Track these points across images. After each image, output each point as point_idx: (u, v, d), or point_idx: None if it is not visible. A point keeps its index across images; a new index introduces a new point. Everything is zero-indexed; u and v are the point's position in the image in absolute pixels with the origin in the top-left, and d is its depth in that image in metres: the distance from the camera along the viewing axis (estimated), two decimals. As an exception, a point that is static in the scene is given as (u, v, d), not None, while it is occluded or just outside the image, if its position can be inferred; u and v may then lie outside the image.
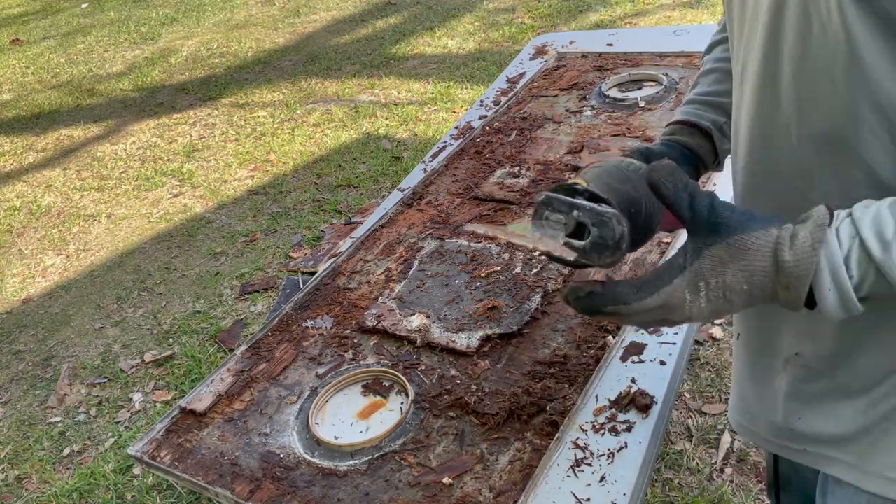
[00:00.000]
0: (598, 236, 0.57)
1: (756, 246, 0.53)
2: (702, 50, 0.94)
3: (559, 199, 0.60)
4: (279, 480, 0.98)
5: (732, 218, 0.54)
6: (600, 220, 0.57)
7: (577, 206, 0.58)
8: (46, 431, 2.10)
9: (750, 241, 0.53)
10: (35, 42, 6.36)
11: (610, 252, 0.58)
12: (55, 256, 3.03)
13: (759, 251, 0.52)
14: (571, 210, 0.59)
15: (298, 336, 1.24)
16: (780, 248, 0.52)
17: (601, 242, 0.57)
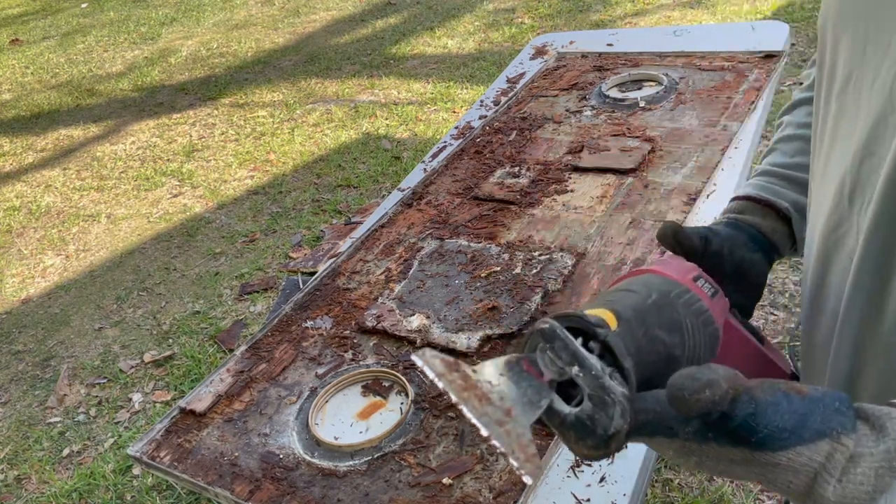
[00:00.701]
0: (588, 417, 0.41)
1: (792, 464, 0.39)
2: (702, 50, 0.92)
3: (564, 341, 0.43)
4: (279, 481, 0.97)
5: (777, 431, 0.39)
6: (601, 399, 0.41)
7: (582, 361, 0.42)
8: (46, 432, 2.10)
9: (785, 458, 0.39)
10: (35, 42, 6.36)
11: (592, 443, 0.41)
12: (55, 256, 3.03)
13: (793, 469, 0.39)
14: (573, 363, 0.42)
15: (298, 336, 1.23)
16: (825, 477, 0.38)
17: (588, 425, 0.41)
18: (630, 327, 0.46)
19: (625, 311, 0.47)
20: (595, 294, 1.18)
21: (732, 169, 1.39)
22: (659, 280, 0.53)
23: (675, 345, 0.48)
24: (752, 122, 1.52)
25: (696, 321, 0.51)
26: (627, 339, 0.45)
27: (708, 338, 0.51)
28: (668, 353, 0.47)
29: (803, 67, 3.17)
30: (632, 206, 1.36)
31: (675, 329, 0.49)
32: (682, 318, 0.50)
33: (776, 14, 3.76)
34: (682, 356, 0.48)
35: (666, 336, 0.48)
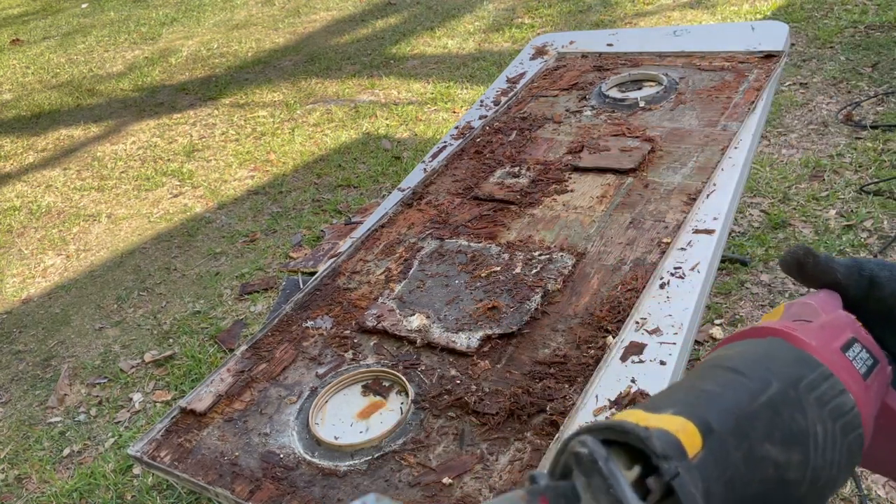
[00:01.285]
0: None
1: None
2: (702, 50, 0.92)
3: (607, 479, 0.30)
4: (279, 480, 0.98)
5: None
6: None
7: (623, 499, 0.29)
8: (46, 431, 2.10)
9: None
10: (35, 42, 6.36)
11: None
12: (55, 256, 3.03)
13: None
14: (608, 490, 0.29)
15: (298, 336, 1.24)
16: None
17: None
18: (722, 447, 0.32)
19: (717, 417, 0.33)
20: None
21: (732, 169, 1.40)
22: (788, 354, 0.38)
23: (791, 465, 0.34)
24: (752, 122, 1.53)
25: (832, 427, 0.36)
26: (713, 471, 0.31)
27: (847, 449, 0.36)
28: (780, 478, 0.34)
29: (802, 67, 3.18)
30: (632, 206, 1.36)
31: (797, 442, 0.34)
32: (811, 424, 0.35)
33: (776, 14, 3.76)
34: (803, 480, 0.34)
35: (780, 453, 0.34)
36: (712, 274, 1.22)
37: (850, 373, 0.38)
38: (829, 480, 0.35)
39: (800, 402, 0.35)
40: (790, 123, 2.83)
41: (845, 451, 0.36)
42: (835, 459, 0.35)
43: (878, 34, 3.32)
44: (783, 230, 2.25)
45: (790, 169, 2.54)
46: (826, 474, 0.35)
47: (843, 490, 1.49)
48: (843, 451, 0.36)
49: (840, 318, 0.41)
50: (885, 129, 2.61)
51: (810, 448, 0.35)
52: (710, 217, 1.28)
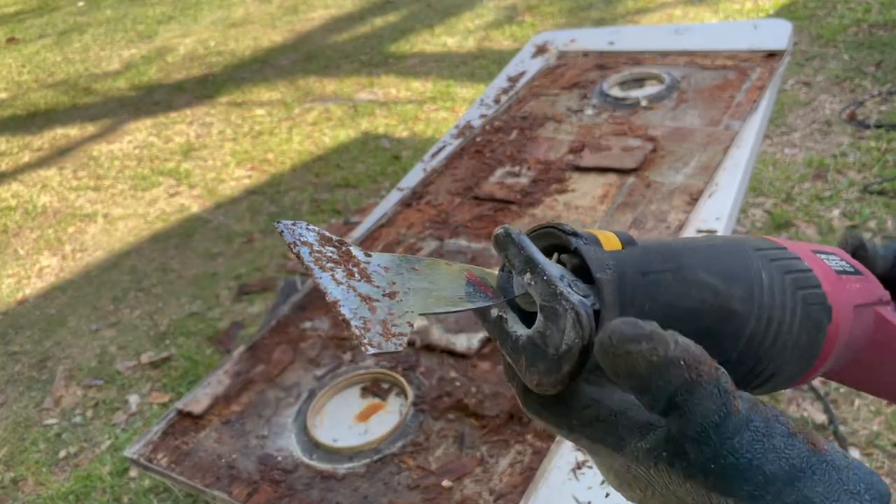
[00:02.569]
0: (539, 334, 0.31)
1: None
2: (704, 48, 0.90)
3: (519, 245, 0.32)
4: (277, 483, 0.96)
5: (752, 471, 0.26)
6: (552, 311, 0.30)
7: (535, 266, 0.31)
8: (42, 433, 2.08)
9: None
10: (31, 40, 6.33)
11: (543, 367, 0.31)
12: (51, 257, 3.01)
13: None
14: (524, 269, 0.32)
15: (296, 337, 1.22)
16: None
17: (538, 345, 0.31)
18: (645, 255, 0.33)
19: (643, 241, 0.34)
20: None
21: (735, 168, 1.38)
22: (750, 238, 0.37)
23: (734, 296, 0.33)
24: (755, 121, 1.51)
25: (780, 277, 0.35)
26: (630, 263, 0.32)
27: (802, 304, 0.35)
28: (722, 305, 0.33)
29: (806, 66, 3.16)
30: (633, 205, 1.35)
31: (738, 279, 0.34)
32: (756, 269, 0.35)
33: (779, 12, 3.75)
34: (749, 315, 0.33)
35: (719, 283, 0.33)
36: (716, 274, 1.21)
37: (816, 262, 0.38)
38: (782, 325, 0.34)
39: (743, 253, 0.35)
40: (793, 122, 2.81)
41: (800, 301, 0.35)
42: (786, 304, 0.35)
43: (882, 33, 3.31)
44: (786, 230, 2.23)
45: (793, 168, 2.53)
46: (778, 316, 0.34)
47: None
48: (796, 300, 0.35)
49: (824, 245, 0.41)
50: (889, 129, 2.59)
51: (754, 286, 0.34)
52: (712, 217, 1.26)
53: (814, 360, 0.37)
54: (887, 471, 1.51)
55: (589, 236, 0.33)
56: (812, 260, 0.38)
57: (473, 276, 0.34)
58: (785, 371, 0.36)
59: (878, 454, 1.54)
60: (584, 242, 0.32)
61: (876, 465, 1.52)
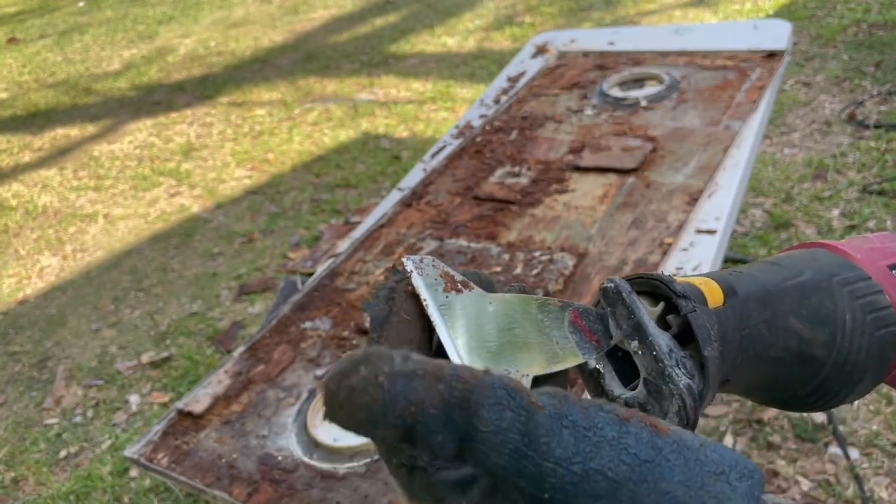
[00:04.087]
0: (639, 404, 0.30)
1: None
2: (704, 48, 0.91)
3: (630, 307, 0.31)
4: (277, 483, 0.96)
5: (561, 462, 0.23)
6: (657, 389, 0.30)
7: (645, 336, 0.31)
8: (43, 433, 2.08)
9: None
10: (31, 40, 6.34)
11: None
12: (51, 257, 3.01)
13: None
14: (634, 336, 0.31)
15: (297, 337, 1.22)
16: None
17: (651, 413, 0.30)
18: (744, 308, 0.33)
19: (743, 285, 0.34)
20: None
21: (734, 168, 1.38)
22: (828, 257, 0.38)
23: (817, 342, 0.35)
24: (755, 121, 1.51)
25: (861, 317, 0.36)
26: (732, 321, 0.32)
27: (878, 341, 0.37)
28: (803, 352, 0.35)
29: (805, 66, 3.17)
30: (633, 205, 1.35)
31: (823, 322, 0.35)
32: (840, 311, 0.36)
33: (778, 13, 3.75)
34: (828, 360, 0.35)
35: (805, 329, 0.34)
36: (716, 274, 1.21)
37: (892, 284, 0.38)
38: (855, 367, 0.36)
39: (831, 291, 0.36)
40: (793, 123, 2.81)
41: (875, 342, 0.36)
42: (863, 346, 0.36)
43: (882, 33, 3.31)
44: (786, 230, 2.24)
45: (793, 168, 2.53)
46: (853, 359, 0.36)
47: (845, 492, 1.48)
48: (872, 341, 0.36)
49: (892, 246, 0.41)
50: (889, 129, 2.59)
51: (837, 330, 0.35)
52: (712, 217, 1.26)
53: (876, 384, 0.39)
54: (887, 470, 1.51)
55: (695, 293, 0.32)
56: (889, 284, 0.38)
57: (578, 317, 0.32)
58: (851, 396, 0.38)
59: (877, 454, 1.54)
60: (692, 306, 0.32)
61: (875, 464, 1.52)
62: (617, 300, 0.32)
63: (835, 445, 1.57)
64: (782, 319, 0.34)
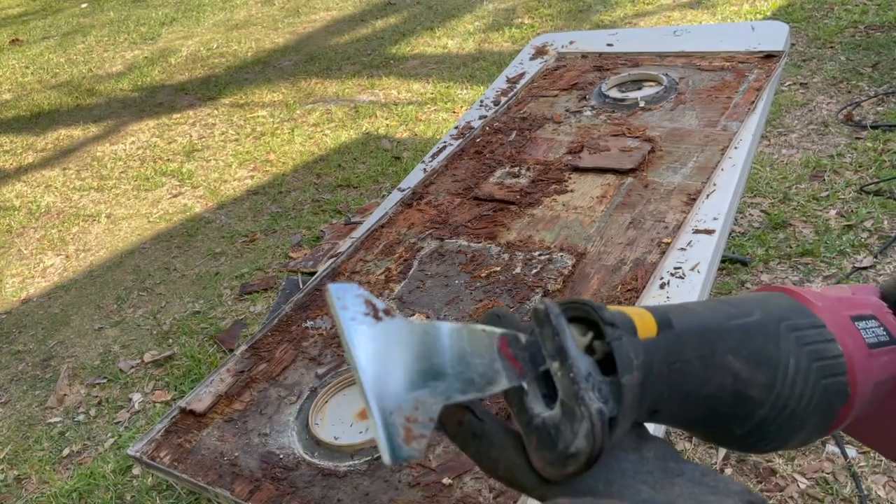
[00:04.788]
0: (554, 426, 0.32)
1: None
2: (702, 50, 0.91)
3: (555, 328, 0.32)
4: (279, 481, 0.97)
5: None
6: (570, 410, 0.31)
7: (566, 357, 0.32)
8: (46, 432, 2.10)
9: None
10: (35, 42, 6.36)
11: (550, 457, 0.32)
12: (54, 257, 3.03)
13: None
14: (555, 357, 0.32)
15: (298, 336, 1.23)
16: None
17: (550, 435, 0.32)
18: (677, 342, 0.34)
19: (682, 320, 0.35)
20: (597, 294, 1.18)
21: (732, 169, 1.39)
22: (783, 301, 0.38)
23: (754, 383, 0.35)
24: (752, 123, 1.52)
25: (806, 364, 0.36)
26: (661, 353, 0.33)
27: (822, 390, 0.36)
28: (739, 392, 0.35)
29: (803, 67, 3.18)
30: (632, 206, 1.36)
31: (763, 364, 0.35)
32: (784, 355, 0.36)
33: (776, 14, 3.76)
34: (765, 402, 0.35)
35: (743, 369, 0.35)
36: (712, 274, 1.22)
37: (851, 335, 0.38)
38: (795, 413, 0.36)
39: (776, 335, 0.36)
40: (790, 123, 2.82)
41: (820, 390, 0.36)
42: (805, 393, 0.36)
43: (879, 34, 3.32)
44: (783, 230, 2.25)
45: (790, 169, 2.54)
46: (794, 405, 0.36)
47: (843, 490, 1.49)
48: (817, 388, 0.36)
49: (866, 298, 0.40)
50: (886, 129, 2.60)
51: (778, 374, 0.35)
52: (710, 217, 1.27)
53: (821, 436, 0.38)
54: (884, 468, 1.52)
55: (625, 322, 0.33)
56: (847, 334, 0.38)
57: (505, 345, 0.33)
58: (790, 443, 0.38)
59: (874, 452, 1.55)
60: (619, 334, 0.32)
61: (873, 463, 1.54)
62: (545, 321, 0.33)
63: (832, 444, 1.58)
64: (720, 357, 0.34)
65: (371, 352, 0.30)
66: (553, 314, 0.32)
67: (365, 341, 0.30)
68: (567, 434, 0.31)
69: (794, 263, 2.10)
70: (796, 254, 2.13)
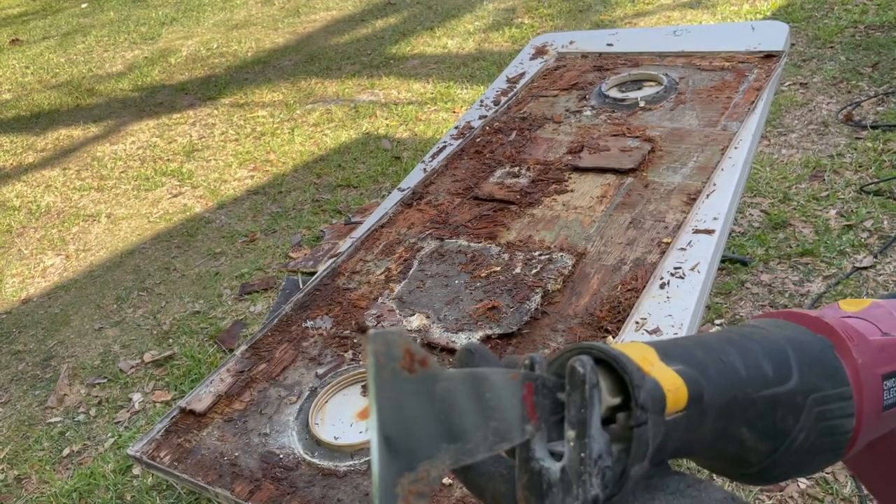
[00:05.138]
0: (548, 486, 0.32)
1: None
2: (702, 50, 0.91)
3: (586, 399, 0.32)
4: (279, 481, 0.98)
5: None
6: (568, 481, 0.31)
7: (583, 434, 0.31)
8: (46, 431, 2.10)
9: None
10: (35, 42, 6.36)
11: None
12: (55, 256, 3.03)
13: None
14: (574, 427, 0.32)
15: (298, 336, 1.24)
16: None
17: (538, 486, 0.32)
18: (701, 417, 0.33)
19: (713, 393, 0.34)
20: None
21: (732, 169, 1.40)
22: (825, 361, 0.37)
23: (757, 451, 0.36)
24: (752, 122, 1.52)
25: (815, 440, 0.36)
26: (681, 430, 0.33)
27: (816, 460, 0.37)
28: (737, 454, 0.36)
29: (803, 67, 3.18)
30: (632, 205, 1.36)
31: (773, 438, 0.35)
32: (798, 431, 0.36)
33: (776, 14, 3.76)
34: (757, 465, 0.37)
35: (751, 439, 0.35)
36: (712, 274, 1.22)
37: (873, 401, 0.38)
38: (780, 474, 0.37)
39: (800, 409, 0.36)
40: (790, 123, 2.82)
41: (814, 461, 0.37)
42: (797, 462, 0.37)
43: (879, 34, 3.32)
44: (783, 230, 2.25)
45: (790, 169, 2.54)
46: (781, 470, 0.37)
47: (843, 490, 1.49)
48: (811, 460, 0.37)
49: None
50: (886, 129, 2.60)
51: (782, 447, 0.36)
52: (710, 217, 1.28)
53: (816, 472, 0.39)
54: (883, 469, 1.52)
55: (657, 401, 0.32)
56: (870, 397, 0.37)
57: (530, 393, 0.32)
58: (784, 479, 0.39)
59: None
60: (645, 418, 0.31)
61: (872, 463, 1.53)
62: (577, 388, 0.32)
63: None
64: (734, 429, 0.35)
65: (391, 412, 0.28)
66: (589, 384, 0.31)
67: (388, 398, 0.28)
68: (557, 499, 0.31)
69: (794, 263, 2.10)
70: (796, 254, 2.13)
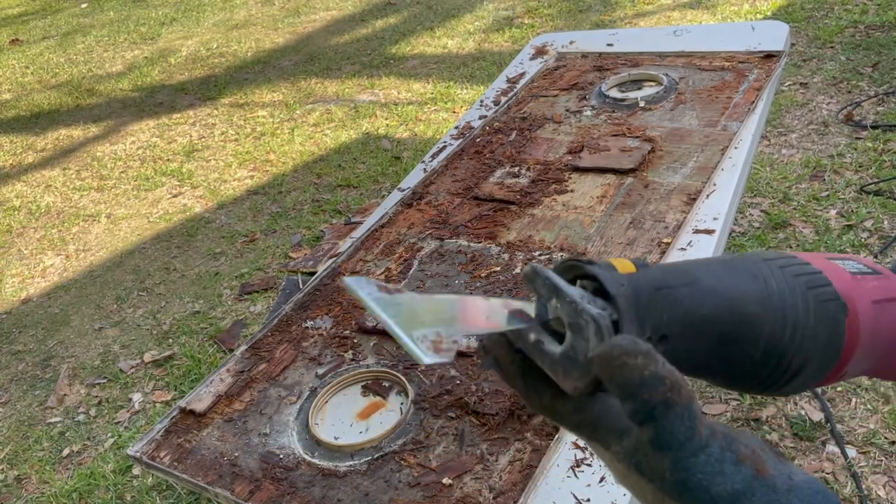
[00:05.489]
0: (571, 347, 0.35)
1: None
2: (702, 50, 0.91)
3: (543, 275, 0.37)
4: (279, 481, 0.98)
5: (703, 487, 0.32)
6: (577, 326, 0.35)
7: (559, 291, 0.36)
8: (46, 432, 2.10)
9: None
10: (34, 42, 6.36)
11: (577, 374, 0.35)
12: (54, 256, 3.03)
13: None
14: (551, 297, 0.37)
15: (298, 336, 1.23)
16: None
17: (571, 356, 0.35)
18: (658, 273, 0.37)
19: (659, 265, 0.38)
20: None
21: (732, 169, 1.40)
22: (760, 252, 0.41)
23: (748, 298, 0.37)
24: (752, 122, 1.52)
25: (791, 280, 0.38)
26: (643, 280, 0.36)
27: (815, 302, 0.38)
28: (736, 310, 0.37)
29: (803, 67, 3.18)
30: (632, 206, 1.36)
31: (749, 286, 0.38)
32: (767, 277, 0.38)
33: (776, 14, 3.76)
34: (765, 315, 0.37)
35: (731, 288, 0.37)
36: (713, 274, 1.22)
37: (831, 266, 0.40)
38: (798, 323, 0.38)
39: (753, 264, 0.39)
40: (790, 123, 2.82)
41: (812, 300, 0.38)
42: (799, 303, 0.38)
43: (879, 34, 3.32)
44: (783, 230, 2.25)
45: (790, 169, 2.54)
46: (793, 313, 0.38)
47: (843, 490, 1.49)
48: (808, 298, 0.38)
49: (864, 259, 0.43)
50: (886, 129, 2.60)
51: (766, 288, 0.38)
52: (710, 217, 1.28)
53: (839, 352, 0.39)
54: (884, 469, 1.52)
55: (605, 263, 0.38)
56: (823, 264, 0.40)
57: (513, 306, 0.38)
58: (811, 364, 0.39)
59: (874, 452, 1.55)
60: (600, 268, 0.37)
61: (873, 463, 1.54)
62: (535, 275, 0.37)
63: (832, 444, 1.58)
64: (704, 284, 0.37)
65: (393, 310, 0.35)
66: (538, 267, 0.37)
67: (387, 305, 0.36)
68: (582, 345, 0.35)
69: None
70: (796, 254, 2.13)
